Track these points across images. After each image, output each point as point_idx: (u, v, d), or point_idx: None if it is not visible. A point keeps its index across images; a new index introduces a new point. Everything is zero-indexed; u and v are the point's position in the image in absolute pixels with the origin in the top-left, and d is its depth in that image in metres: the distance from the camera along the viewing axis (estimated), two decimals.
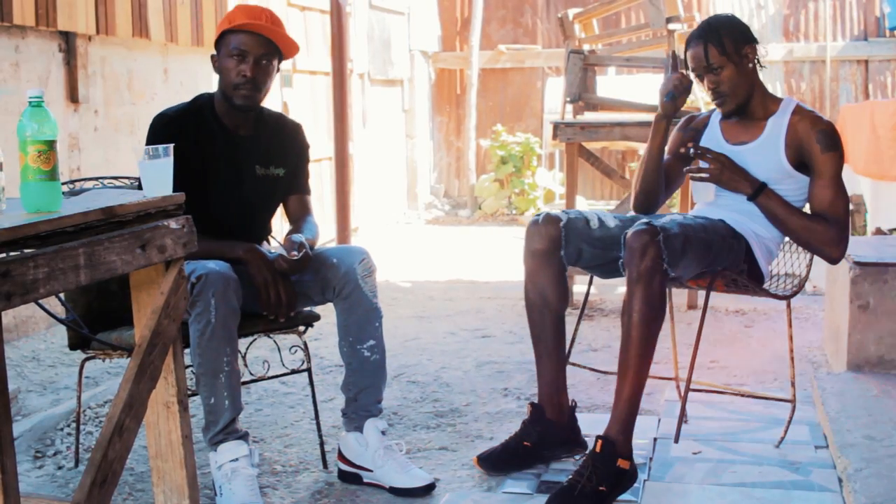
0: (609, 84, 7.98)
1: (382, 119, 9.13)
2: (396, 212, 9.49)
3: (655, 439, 3.03)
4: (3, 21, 4.21)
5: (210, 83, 5.94)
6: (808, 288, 5.50)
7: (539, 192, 9.34)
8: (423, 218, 9.62)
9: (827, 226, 2.81)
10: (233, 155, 2.87)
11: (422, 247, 7.81)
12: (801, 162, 2.85)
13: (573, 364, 3.05)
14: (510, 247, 7.65)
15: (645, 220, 2.66)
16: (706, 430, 2.98)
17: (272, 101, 6.81)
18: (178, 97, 5.58)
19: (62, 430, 3.24)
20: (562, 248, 2.85)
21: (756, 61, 2.89)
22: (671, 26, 5.28)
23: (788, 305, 2.94)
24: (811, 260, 3.00)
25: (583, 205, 8.64)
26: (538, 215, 2.91)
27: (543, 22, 10.19)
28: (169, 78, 5.60)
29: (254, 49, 2.79)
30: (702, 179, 2.85)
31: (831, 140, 2.82)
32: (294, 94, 7.14)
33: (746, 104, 2.90)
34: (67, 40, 4.72)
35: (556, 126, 5.11)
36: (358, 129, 8.35)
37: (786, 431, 2.98)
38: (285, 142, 2.98)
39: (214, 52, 2.87)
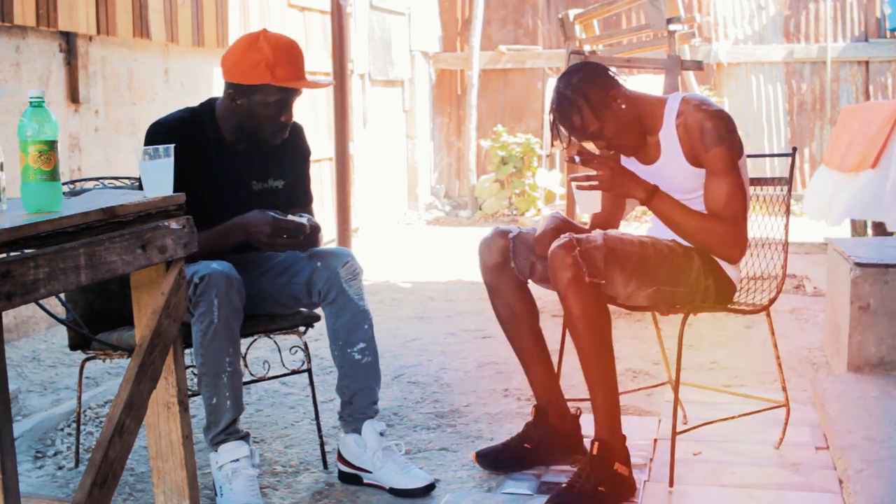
0: None
1: (383, 119, 9.13)
2: (397, 212, 9.49)
3: (656, 440, 3.03)
4: (3, 21, 4.21)
5: (210, 84, 5.95)
6: (809, 289, 5.50)
7: (539, 193, 9.34)
8: (424, 218, 9.62)
9: (724, 225, 2.67)
10: (229, 169, 2.80)
11: (422, 247, 7.81)
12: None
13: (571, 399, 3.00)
14: None
15: (567, 234, 2.60)
16: (706, 430, 2.98)
17: None
18: (178, 97, 5.59)
19: (62, 430, 3.24)
20: (511, 261, 2.82)
21: (621, 98, 2.70)
22: (672, 27, 5.29)
23: (768, 314, 2.91)
24: (786, 260, 2.94)
25: None
26: (491, 231, 2.89)
27: (544, 23, 10.19)
28: (169, 78, 5.60)
29: (294, 98, 2.74)
30: (592, 188, 2.67)
31: (714, 135, 2.65)
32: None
33: (639, 125, 2.75)
34: (68, 40, 4.72)
35: None
36: (358, 130, 8.35)
37: (783, 434, 2.98)
38: (285, 150, 2.89)
39: (230, 88, 2.70)
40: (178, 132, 2.68)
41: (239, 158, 2.82)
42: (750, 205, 2.81)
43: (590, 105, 2.69)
